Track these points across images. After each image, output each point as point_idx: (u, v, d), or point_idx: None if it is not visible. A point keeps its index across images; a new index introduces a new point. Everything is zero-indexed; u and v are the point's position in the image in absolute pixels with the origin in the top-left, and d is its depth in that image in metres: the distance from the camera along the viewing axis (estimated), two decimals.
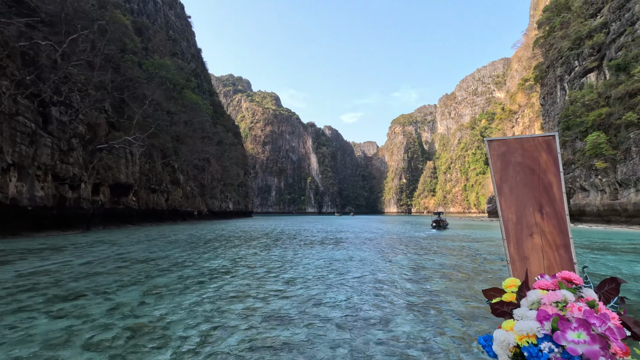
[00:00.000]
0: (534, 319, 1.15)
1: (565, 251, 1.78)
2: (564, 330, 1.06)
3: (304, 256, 13.49)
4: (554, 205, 1.83)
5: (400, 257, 13.15)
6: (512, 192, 1.90)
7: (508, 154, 1.93)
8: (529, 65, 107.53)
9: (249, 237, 23.06)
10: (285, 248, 16.50)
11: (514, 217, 1.86)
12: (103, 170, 33.43)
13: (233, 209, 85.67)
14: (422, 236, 24.36)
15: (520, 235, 1.83)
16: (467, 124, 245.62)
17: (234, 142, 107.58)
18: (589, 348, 1.01)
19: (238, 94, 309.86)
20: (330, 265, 11.20)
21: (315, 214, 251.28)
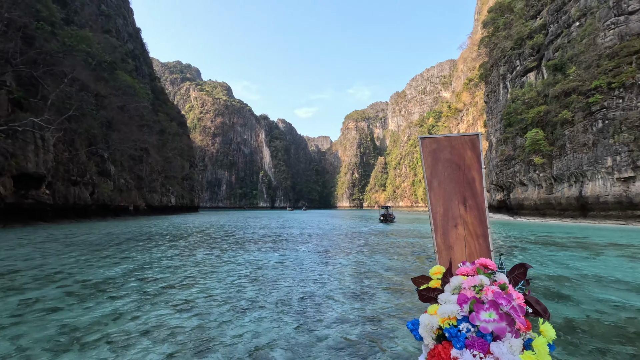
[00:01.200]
0: (455, 303, 1.26)
1: (484, 240, 1.94)
2: (478, 312, 1.18)
3: (229, 260, 11.10)
4: (476, 199, 2.00)
5: (342, 259, 11.26)
6: (440, 186, 2.04)
7: (438, 151, 2.07)
8: (473, 66, 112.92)
9: (179, 235, 20.04)
10: (212, 249, 13.93)
11: (442, 209, 2.01)
12: (2, 157, 27.90)
13: (176, 204, 79.67)
14: (369, 231, 23.05)
15: (446, 226, 1.98)
16: (416, 121, 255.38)
17: (178, 132, 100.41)
18: (497, 325, 1.14)
19: (186, 82, 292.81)
20: (255, 273, 8.96)
21: (268, 208, 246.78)
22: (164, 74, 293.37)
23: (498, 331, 1.15)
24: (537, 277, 8.24)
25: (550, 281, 7.81)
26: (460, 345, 1.17)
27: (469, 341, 1.16)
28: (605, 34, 32.22)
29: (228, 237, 19.22)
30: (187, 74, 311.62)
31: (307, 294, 6.69)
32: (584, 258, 11.15)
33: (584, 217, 32.44)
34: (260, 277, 8.42)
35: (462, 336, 1.18)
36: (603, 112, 30.67)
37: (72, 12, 63.31)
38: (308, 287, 7.32)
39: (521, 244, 15.11)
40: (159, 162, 73.79)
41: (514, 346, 1.13)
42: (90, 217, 42.80)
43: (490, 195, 66.58)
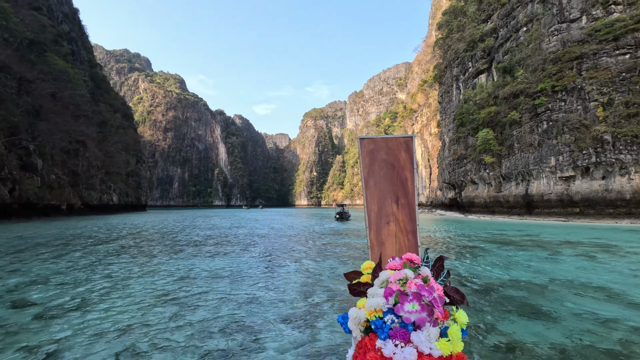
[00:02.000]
0: (381, 296, 1.32)
1: (413, 236, 2.03)
2: (402, 303, 1.25)
3: (153, 270, 9.13)
4: (407, 197, 2.07)
5: (289, 266, 9.76)
6: (376, 185, 2.10)
7: (375, 152, 2.13)
8: (428, 69, 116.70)
9: (107, 238, 17.34)
10: (138, 255, 11.76)
11: (376, 207, 2.07)
12: None
13: (118, 202, 73.28)
14: (323, 231, 21.85)
15: (379, 223, 2.05)
16: (373, 121, 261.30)
17: (123, 125, 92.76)
18: (419, 316, 1.22)
19: (135, 73, 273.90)
20: (178, 290, 7.15)
21: (223, 207, 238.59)
22: (109, 63, 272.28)
23: (419, 321, 1.22)
24: (505, 284, 7.34)
25: (521, 290, 6.91)
26: (385, 336, 1.23)
27: (392, 332, 1.23)
28: (550, 40, 33.79)
29: (165, 239, 16.92)
30: (136, 64, 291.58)
31: (236, 322, 5.09)
32: (545, 259, 10.64)
33: (529, 214, 33.86)
34: (182, 295, 6.65)
35: (387, 327, 1.24)
36: (548, 113, 32.10)
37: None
38: (240, 309, 5.72)
39: (479, 244, 14.62)
40: (98, 156, 67.22)
41: (432, 334, 1.22)
42: (10, 218, 37.32)
43: (442, 193, 68.80)
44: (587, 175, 29.27)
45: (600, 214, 28.29)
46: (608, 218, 27.48)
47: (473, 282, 7.59)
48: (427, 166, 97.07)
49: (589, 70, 30.35)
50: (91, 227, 26.05)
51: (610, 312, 5.45)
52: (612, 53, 29.78)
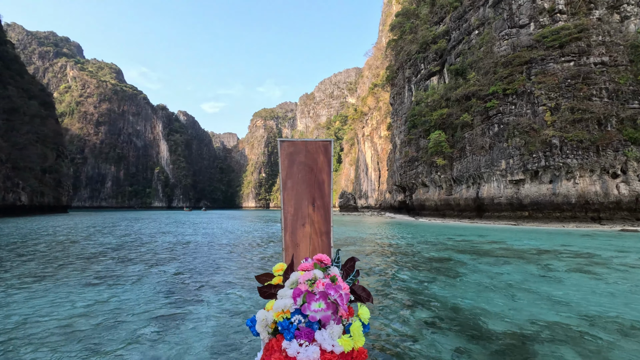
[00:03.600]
0: (290, 297, 1.34)
1: (327, 237, 2.05)
2: (309, 303, 1.27)
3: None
4: (323, 199, 2.10)
5: (204, 304, 6.37)
6: (293, 187, 2.11)
7: (295, 154, 2.13)
8: (378, 73, 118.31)
9: None
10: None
11: (292, 209, 2.08)
12: None
13: (30, 203, 62.73)
14: (268, 237, 18.56)
15: (295, 225, 2.05)
16: (324, 123, 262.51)
17: (40, 114, 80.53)
18: (324, 314, 1.25)
19: (62, 58, 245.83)
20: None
21: (164, 208, 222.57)
22: (31, 45, 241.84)
23: (324, 319, 1.25)
24: (532, 334, 4.75)
25: (569, 346, 4.33)
26: (290, 337, 1.24)
27: (298, 332, 1.24)
28: (501, 44, 33.92)
29: (51, 251, 12.45)
30: (64, 49, 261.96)
31: None
32: (540, 277, 8.49)
33: (480, 217, 33.55)
34: None
35: (293, 328, 1.26)
36: (499, 116, 31.98)
37: None
38: None
39: (448, 254, 12.41)
40: (3, 148, 56.72)
41: (335, 332, 1.25)
42: None
43: (391, 195, 68.73)
44: (536, 178, 29.34)
45: (547, 217, 28.41)
46: (555, 222, 27.60)
47: (479, 330, 4.91)
48: (376, 169, 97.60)
49: (537, 75, 30.65)
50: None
51: None
52: (559, 59, 30.34)
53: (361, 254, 12.36)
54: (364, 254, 12.54)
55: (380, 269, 9.54)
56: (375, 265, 10.06)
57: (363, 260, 10.93)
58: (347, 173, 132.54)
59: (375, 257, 11.77)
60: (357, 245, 15.64)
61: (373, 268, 9.67)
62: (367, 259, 11.27)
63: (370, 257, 11.51)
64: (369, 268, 9.61)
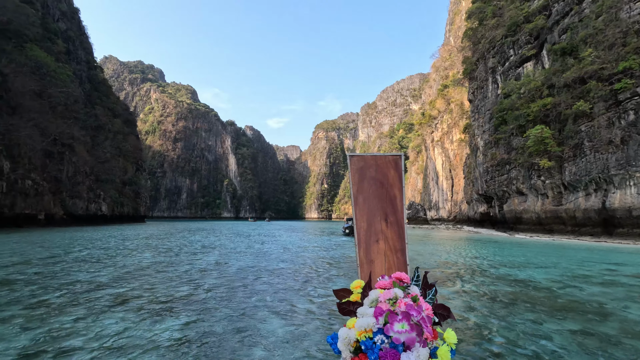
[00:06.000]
0: (371, 316, 1.29)
1: (402, 254, 1.98)
2: (392, 323, 1.21)
3: None
4: (396, 215, 2.04)
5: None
6: (365, 202, 2.06)
7: (365, 169, 2.11)
8: (446, 75, 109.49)
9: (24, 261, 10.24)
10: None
11: (365, 224, 2.02)
12: None
13: (111, 213, 66.93)
14: (331, 256, 14.25)
15: (369, 241, 2.00)
16: (387, 132, 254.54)
17: (123, 131, 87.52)
18: (408, 336, 1.18)
19: (147, 83, 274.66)
20: None
21: (232, 219, 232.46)
22: (123, 73, 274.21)
23: (409, 341, 1.18)
24: None
25: None
26: (375, 357, 1.19)
27: (382, 352, 1.18)
28: (631, 7, 25.98)
29: (103, 268, 9.63)
30: (149, 75, 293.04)
31: None
32: None
33: (608, 234, 25.41)
34: None
35: (377, 348, 1.19)
36: (635, 100, 24.02)
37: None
38: None
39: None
40: (88, 162, 61.28)
41: (421, 355, 1.17)
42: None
43: (470, 207, 60.18)
44: None
45: None
46: None
47: None
48: (449, 177, 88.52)
49: None
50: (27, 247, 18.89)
51: None
52: None
53: (457, 295, 7.24)
54: (460, 292, 7.43)
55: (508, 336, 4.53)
56: (483, 320, 5.04)
57: (459, 303, 5.91)
58: (414, 183, 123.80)
59: (484, 301, 6.67)
60: (440, 267, 10.56)
61: (485, 326, 4.66)
62: (464, 299, 6.24)
63: (471, 298, 6.47)
64: (477, 328, 4.63)
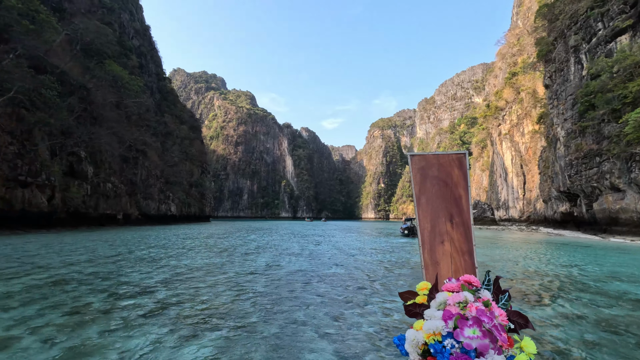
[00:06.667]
0: (440, 319, 1.27)
1: (470, 257, 1.93)
2: (462, 328, 1.18)
3: None
4: (462, 216, 1.99)
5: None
6: (428, 203, 2.03)
7: (426, 168, 2.08)
8: (515, 62, 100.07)
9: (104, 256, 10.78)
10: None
11: (429, 225, 2.00)
12: None
13: (178, 213, 71.79)
14: (391, 260, 12.78)
15: (433, 242, 1.97)
16: (447, 128, 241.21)
17: (189, 136, 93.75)
18: (480, 342, 1.14)
19: (211, 92, 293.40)
20: None
21: (290, 219, 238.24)
22: (189, 84, 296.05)
23: (481, 348, 1.14)
24: None
25: None
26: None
27: (453, 357, 1.16)
28: None
29: (167, 260, 9.62)
30: (212, 84, 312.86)
31: None
32: None
33: None
34: None
35: (447, 352, 1.17)
36: None
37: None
38: None
39: None
40: (158, 165, 66.38)
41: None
42: (49, 228, 34.76)
43: (547, 206, 53.63)
44: None
45: None
46: None
47: None
48: (519, 174, 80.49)
49: None
50: (108, 243, 20.38)
51: None
52: None
53: (550, 316, 5.32)
54: (554, 312, 5.48)
55: None
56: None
57: None
58: (479, 180, 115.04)
59: (587, 326, 4.71)
60: (519, 276, 8.46)
61: None
62: (559, 323, 4.37)
63: (569, 322, 4.56)
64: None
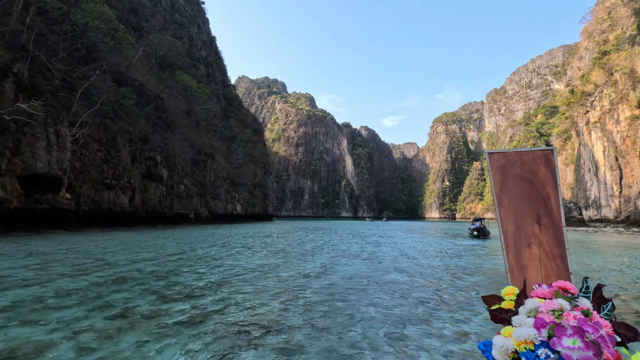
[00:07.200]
0: (531, 326, 1.20)
1: (562, 261, 1.82)
2: (559, 337, 1.11)
3: None
4: (552, 217, 1.88)
5: None
6: (511, 203, 1.94)
7: (507, 167, 1.99)
8: (605, 39, 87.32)
9: None
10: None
11: (513, 227, 1.91)
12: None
13: (243, 212, 75.15)
14: (450, 263, 11.18)
15: (518, 245, 1.87)
16: (520, 119, 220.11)
17: (252, 139, 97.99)
18: (582, 354, 1.07)
19: (272, 96, 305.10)
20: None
21: (350, 218, 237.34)
22: (253, 90, 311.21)
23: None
24: None
25: None
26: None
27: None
28: None
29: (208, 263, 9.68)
30: (274, 88, 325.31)
31: None
32: None
33: None
34: None
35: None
36: None
37: (142, 19, 63.80)
38: None
39: None
40: (225, 167, 70.21)
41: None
42: (131, 226, 38.46)
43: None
44: None
45: None
46: None
47: None
48: (614, 167, 69.73)
49: None
50: (186, 239, 21.73)
51: None
52: None
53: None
54: None
55: None
56: None
57: None
58: (562, 176, 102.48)
59: None
60: (632, 290, 6.38)
61: None
62: None
63: None
64: None
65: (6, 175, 24.88)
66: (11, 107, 24.85)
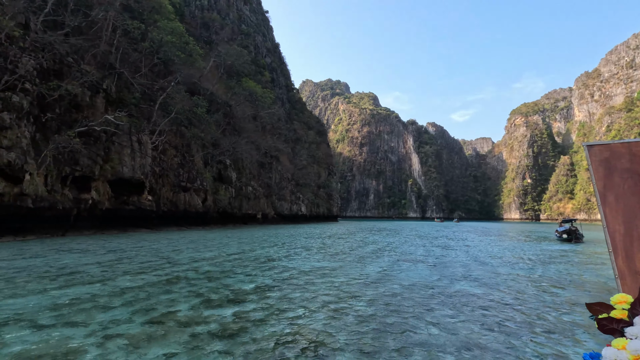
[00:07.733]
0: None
1: None
2: None
3: None
4: None
5: None
6: (618, 201, 1.78)
7: (613, 160, 1.81)
8: None
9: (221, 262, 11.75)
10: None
11: (622, 228, 1.73)
12: (89, 160, 26.61)
13: (307, 212, 76.19)
14: (534, 273, 9.11)
15: (630, 248, 1.70)
16: (620, 105, 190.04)
17: (316, 141, 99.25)
18: None
19: (335, 97, 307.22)
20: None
21: (418, 219, 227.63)
22: (316, 92, 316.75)
23: None
24: None
25: None
26: None
27: None
28: None
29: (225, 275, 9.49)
30: (337, 89, 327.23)
31: None
32: None
33: None
34: None
35: None
36: None
37: (213, 33, 68.37)
38: None
39: None
40: (289, 169, 71.95)
41: None
42: (204, 225, 41.17)
43: None
44: None
45: None
46: None
47: None
48: None
49: None
50: (255, 239, 22.51)
51: None
52: None
53: None
54: None
55: None
56: None
57: None
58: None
59: None
60: None
61: None
62: None
63: None
64: None
65: (99, 180, 28.05)
66: (101, 119, 27.99)
